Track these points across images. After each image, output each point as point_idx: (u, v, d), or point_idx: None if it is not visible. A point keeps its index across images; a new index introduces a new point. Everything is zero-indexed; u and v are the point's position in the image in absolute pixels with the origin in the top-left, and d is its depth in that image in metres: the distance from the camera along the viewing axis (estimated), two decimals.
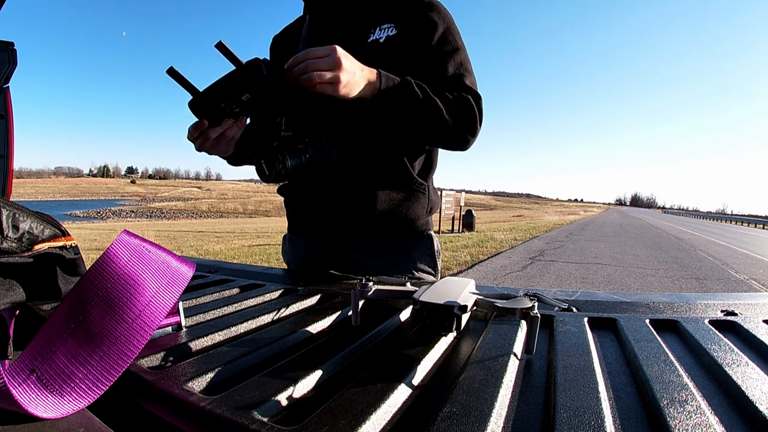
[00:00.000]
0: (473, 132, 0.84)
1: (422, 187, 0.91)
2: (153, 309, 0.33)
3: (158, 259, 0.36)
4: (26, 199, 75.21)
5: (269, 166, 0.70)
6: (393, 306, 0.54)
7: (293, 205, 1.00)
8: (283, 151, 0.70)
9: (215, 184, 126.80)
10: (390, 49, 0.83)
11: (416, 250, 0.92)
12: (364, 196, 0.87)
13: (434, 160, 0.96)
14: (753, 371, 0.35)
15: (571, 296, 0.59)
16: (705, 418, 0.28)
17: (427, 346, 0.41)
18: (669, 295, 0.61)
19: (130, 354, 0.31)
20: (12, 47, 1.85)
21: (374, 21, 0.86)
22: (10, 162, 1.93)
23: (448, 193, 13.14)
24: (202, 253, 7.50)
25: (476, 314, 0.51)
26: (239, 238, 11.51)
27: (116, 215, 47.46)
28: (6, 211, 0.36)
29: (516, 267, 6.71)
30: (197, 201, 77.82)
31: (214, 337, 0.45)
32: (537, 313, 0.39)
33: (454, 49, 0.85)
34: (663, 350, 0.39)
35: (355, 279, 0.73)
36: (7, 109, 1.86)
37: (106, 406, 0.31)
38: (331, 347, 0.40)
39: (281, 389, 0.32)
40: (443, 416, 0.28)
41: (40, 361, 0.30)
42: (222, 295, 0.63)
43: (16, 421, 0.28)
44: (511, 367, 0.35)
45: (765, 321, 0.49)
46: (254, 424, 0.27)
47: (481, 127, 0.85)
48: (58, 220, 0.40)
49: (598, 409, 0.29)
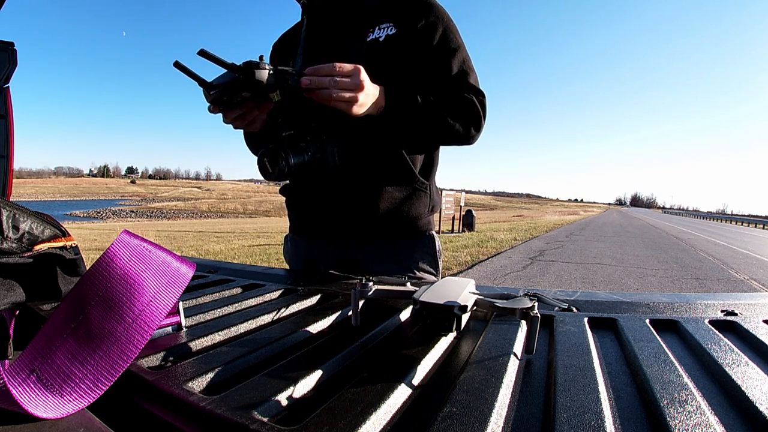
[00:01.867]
0: (478, 129, 0.87)
1: (424, 186, 0.92)
2: (153, 309, 0.33)
3: (158, 259, 0.36)
4: (26, 199, 75.23)
5: (272, 164, 0.71)
6: (393, 306, 0.54)
7: (295, 204, 1.00)
8: (286, 149, 0.70)
9: (215, 184, 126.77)
10: (390, 48, 0.84)
11: (418, 249, 0.92)
12: (367, 195, 0.87)
13: (435, 159, 0.96)
14: (753, 371, 0.35)
15: (571, 296, 0.59)
16: (705, 418, 0.28)
17: (427, 346, 0.40)
18: (669, 295, 0.61)
19: (130, 354, 0.31)
20: (12, 47, 1.85)
21: (373, 20, 0.87)
22: (10, 162, 1.93)
23: (448, 193, 13.15)
24: (202, 253, 7.50)
25: (476, 314, 0.51)
26: (239, 238, 11.51)
27: (116, 215, 47.47)
28: (6, 211, 0.36)
29: (516, 267, 6.71)
30: (197, 201, 77.85)
31: (214, 337, 0.45)
32: (537, 313, 0.39)
33: (456, 48, 0.86)
34: (663, 350, 0.39)
35: (355, 279, 0.73)
36: (7, 109, 1.86)
37: (106, 406, 0.31)
38: (331, 347, 0.40)
39: (281, 389, 0.32)
40: (443, 416, 0.28)
41: (40, 361, 0.30)
42: (222, 295, 0.63)
43: (16, 421, 0.28)
44: (511, 367, 0.35)
45: (765, 321, 0.49)
46: (254, 424, 0.27)
47: (485, 122, 0.88)
48: (58, 220, 0.40)
49: (598, 409, 0.29)
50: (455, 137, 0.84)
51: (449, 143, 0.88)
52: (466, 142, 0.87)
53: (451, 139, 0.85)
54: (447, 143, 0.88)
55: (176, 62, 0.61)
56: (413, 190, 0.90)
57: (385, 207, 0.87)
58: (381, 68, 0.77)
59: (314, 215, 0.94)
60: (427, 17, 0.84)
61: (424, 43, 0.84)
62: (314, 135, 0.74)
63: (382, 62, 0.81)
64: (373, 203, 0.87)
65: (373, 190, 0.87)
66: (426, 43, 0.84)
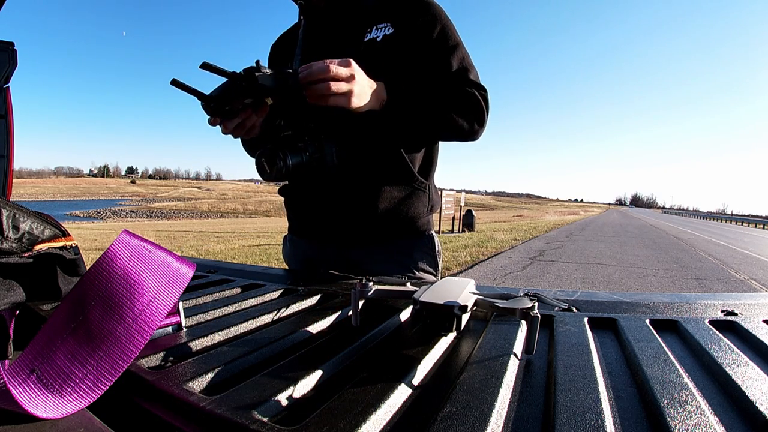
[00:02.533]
0: (481, 123, 0.87)
1: (423, 186, 0.92)
2: (153, 309, 0.33)
3: (158, 259, 0.36)
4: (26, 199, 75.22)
5: (270, 164, 0.71)
6: (393, 306, 0.54)
7: (294, 205, 1.00)
8: (284, 149, 0.70)
9: (215, 184, 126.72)
10: (388, 48, 0.84)
11: (417, 249, 0.92)
12: (366, 195, 0.87)
13: (434, 158, 0.96)
14: (753, 371, 0.35)
15: (571, 296, 0.59)
16: (705, 418, 0.28)
17: (427, 346, 0.40)
18: (669, 295, 0.61)
19: (130, 354, 0.31)
20: (12, 47, 1.85)
21: (370, 20, 0.87)
22: (11, 162, 1.93)
23: (448, 193, 13.15)
24: (202, 253, 7.50)
25: (476, 314, 0.51)
26: (239, 238, 11.51)
27: (116, 215, 47.47)
28: (6, 211, 0.36)
29: (516, 267, 6.71)
30: (197, 201, 77.84)
31: (214, 337, 0.45)
32: (537, 313, 0.39)
33: (455, 45, 0.86)
34: (663, 350, 0.39)
35: (355, 279, 0.73)
36: (7, 109, 1.86)
37: (106, 406, 0.31)
38: (331, 347, 0.40)
39: (281, 389, 0.32)
40: (443, 416, 0.28)
41: (40, 361, 0.30)
42: (222, 295, 0.63)
43: (16, 421, 0.28)
44: (511, 367, 0.35)
45: (765, 321, 0.49)
46: (254, 424, 0.27)
47: (488, 117, 0.88)
48: (58, 220, 0.40)
49: (598, 409, 0.29)
50: (459, 131, 0.84)
51: (453, 138, 0.87)
52: (470, 136, 0.87)
53: (455, 133, 0.85)
54: (451, 138, 0.88)
55: (174, 80, 0.61)
56: (412, 189, 0.90)
57: (385, 207, 0.87)
58: (379, 68, 0.77)
59: (314, 216, 0.94)
60: (424, 16, 0.84)
61: (423, 42, 0.84)
62: (312, 135, 0.74)
63: (380, 62, 0.81)
64: (373, 203, 0.87)
65: (372, 189, 0.87)
66: (424, 41, 0.84)
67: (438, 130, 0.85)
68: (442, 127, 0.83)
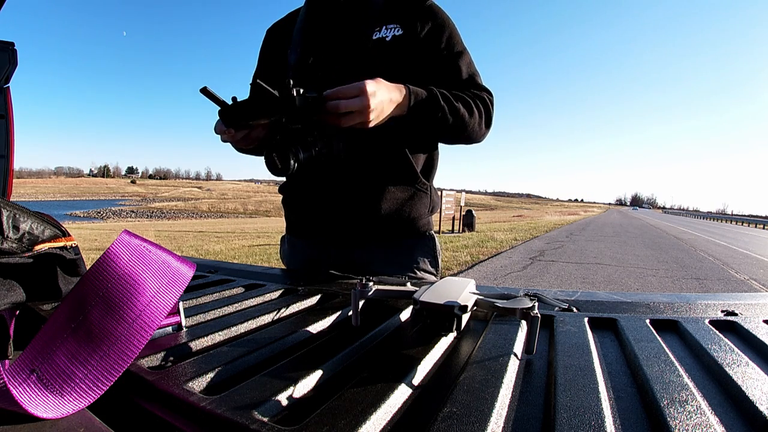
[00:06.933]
0: (488, 126, 0.90)
1: (425, 187, 0.92)
2: (153, 309, 0.33)
3: (158, 259, 0.36)
4: (26, 199, 75.23)
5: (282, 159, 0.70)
6: (393, 306, 0.54)
7: (295, 204, 0.99)
8: (296, 144, 0.70)
9: (215, 184, 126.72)
10: (397, 49, 0.85)
11: (418, 250, 0.93)
12: (370, 196, 0.87)
13: (435, 160, 0.97)
14: (753, 371, 0.35)
15: (571, 296, 0.59)
16: (705, 418, 0.28)
17: (427, 346, 0.40)
18: (669, 295, 0.61)
19: (130, 354, 0.31)
20: (12, 47, 1.85)
21: (379, 19, 0.87)
22: (11, 162, 1.92)
23: (448, 193, 13.14)
24: (202, 253, 7.50)
25: (476, 314, 0.51)
26: (239, 238, 11.51)
27: (116, 215, 47.48)
28: (6, 211, 0.36)
29: (516, 267, 6.71)
30: (197, 201, 77.85)
31: (214, 337, 0.45)
32: (537, 313, 0.39)
33: (461, 51, 0.88)
34: (663, 350, 0.39)
35: (355, 279, 0.73)
36: (7, 109, 1.86)
37: (107, 406, 0.31)
38: (331, 347, 0.40)
39: (281, 389, 0.32)
40: (443, 416, 0.28)
41: (40, 361, 0.30)
42: (222, 295, 0.63)
43: (16, 421, 0.28)
44: (512, 367, 0.35)
45: (765, 321, 0.49)
46: (254, 424, 0.27)
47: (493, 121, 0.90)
48: (58, 220, 0.40)
49: (598, 409, 0.29)
50: (473, 134, 0.86)
51: (464, 140, 0.89)
52: (478, 139, 0.90)
53: (470, 136, 0.87)
54: (462, 140, 0.89)
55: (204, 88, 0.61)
56: (415, 190, 0.91)
57: (388, 207, 0.88)
58: (387, 67, 0.78)
59: (315, 215, 0.94)
60: (433, 21, 0.86)
61: (431, 47, 0.86)
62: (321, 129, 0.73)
63: (389, 61, 0.82)
64: (376, 203, 0.87)
65: (376, 190, 0.87)
66: (433, 47, 0.86)
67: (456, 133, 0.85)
68: (460, 130, 0.84)
